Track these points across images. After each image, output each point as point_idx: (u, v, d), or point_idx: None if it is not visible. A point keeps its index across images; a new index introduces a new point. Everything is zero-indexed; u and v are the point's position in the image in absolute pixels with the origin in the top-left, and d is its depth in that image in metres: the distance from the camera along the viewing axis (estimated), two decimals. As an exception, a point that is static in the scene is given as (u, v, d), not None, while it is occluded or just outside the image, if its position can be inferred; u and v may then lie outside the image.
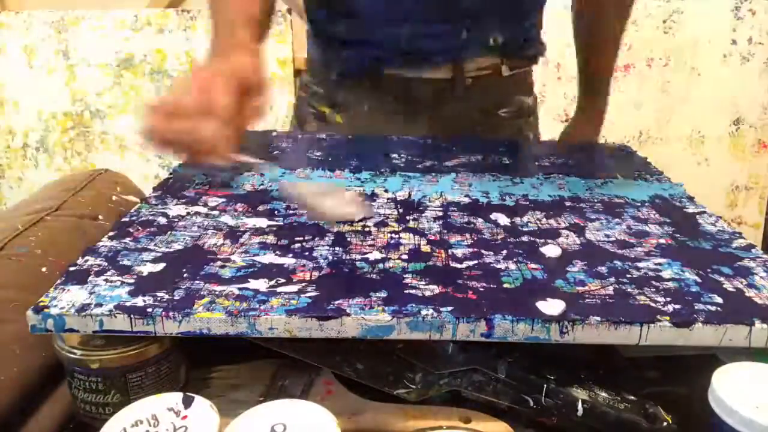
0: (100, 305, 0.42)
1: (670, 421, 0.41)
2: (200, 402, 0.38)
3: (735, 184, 1.88)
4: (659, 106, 1.81)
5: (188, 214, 0.59)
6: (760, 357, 0.48)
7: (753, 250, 0.54)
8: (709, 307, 0.44)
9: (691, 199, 0.67)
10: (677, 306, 0.44)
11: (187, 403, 0.38)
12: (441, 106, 0.86)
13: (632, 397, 0.43)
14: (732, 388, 0.36)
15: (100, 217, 0.68)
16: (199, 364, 0.49)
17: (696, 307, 0.44)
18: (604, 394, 0.43)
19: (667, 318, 0.43)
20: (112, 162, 1.85)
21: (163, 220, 0.57)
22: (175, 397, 0.38)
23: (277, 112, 1.80)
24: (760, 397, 0.36)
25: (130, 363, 0.43)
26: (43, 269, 0.56)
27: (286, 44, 1.73)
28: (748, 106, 1.82)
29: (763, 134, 1.85)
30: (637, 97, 1.81)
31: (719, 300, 0.45)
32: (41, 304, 0.43)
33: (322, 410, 0.37)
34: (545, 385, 0.43)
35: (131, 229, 0.55)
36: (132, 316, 0.42)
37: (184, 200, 0.62)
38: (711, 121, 1.83)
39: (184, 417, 0.37)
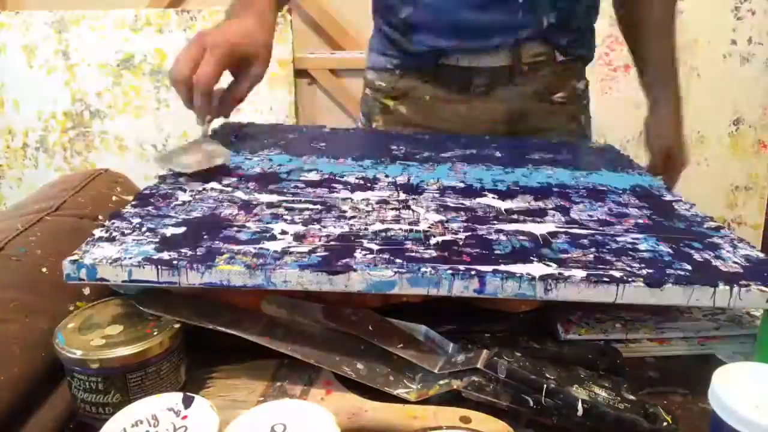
0: (129, 257, 0.46)
1: (670, 421, 0.41)
2: (200, 402, 0.38)
3: (735, 184, 1.88)
4: (659, 106, 1.81)
5: (204, 189, 0.62)
6: (759, 357, 0.48)
7: (722, 231, 0.58)
8: (679, 272, 0.48)
9: (668, 189, 0.71)
10: (651, 270, 0.48)
11: (187, 403, 0.38)
12: (497, 92, 0.89)
13: (632, 397, 0.43)
14: (732, 388, 0.36)
15: (100, 217, 0.68)
16: (199, 364, 0.49)
17: (668, 272, 0.48)
18: (604, 394, 0.43)
19: (641, 279, 0.46)
20: (112, 162, 1.85)
21: (181, 194, 0.61)
22: (175, 397, 0.38)
23: (277, 112, 1.80)
24: (760, 397, 0.36)
25: (130, 363, 0.43)
26: (43, 269, 0.56)
27: (287, 44, 1.73)
28: (748, 106, 1.82)
29: (763, 134, 1.85)
30: (637, 97, 1.81)
31: (688, 267, 0.49)
32: (75, 255, 0.46)
33: (322, 410, 0.37)
34: (545, 385, 0.43)
35: (152, 200, 0.59)
36: (159, 266, 0.45)
37: (199, 178, 0.66)
38: (711, 121, 1.83)
39: (184, 417, 0.37)
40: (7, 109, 1.86)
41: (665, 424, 0.41)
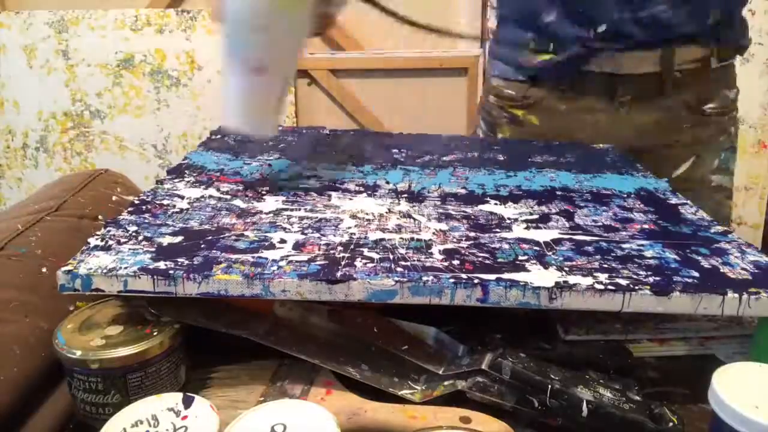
0: (125, 267, 0.45)
1: (676, 422, 0.41)
2: (200, 402, 0.38)
3: (735, 184, 1.88)
4: (659, 106, 1.81)
5: (202, 197, 0.62)
6: (759, 357, 0.48)
7: (729, 235, 0.57)
8: (686, 279, 0.47)
9: (674, 192, 0.70)
10: (657, 278, 0.47)
11: (187, 403, 0.38)
12: (644, 103, 0.83)
13: (637, 398, 0.43)
14: (732, 388, 0.36)
15: (100, 217, 0.68)
16: (199, 364, 0.49)
17: (675, 279, 0.47)
18: (609, 395, 0.43)
19: (648, 287, 0.46)
20: (112, 162, 1.85)
21: (178, 201, 0.60)
22: (175, 397, 0.38)
23: (277, 112, 1.80)
24: (760, 397, 0.36)
25: (130, 363, 0.43)
26: (43, 269, 0.56)
27: (286, 44, 1.73)
28: (748, 106, 1.81)
29: (763, 134, 1.85)
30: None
31: (696, 274, 0.48)
32: (69, 265, 0.45)
33: (322, 410, 0.37)
34: (549, 386, 0.43)
35: (149, 207, 0.58)
36: (155, 276, 0.44)
37: (197, 184, 0.65)
38: (711, 122, 1.83)
39: (184, 417, 0.37)
40: (7, 109, 1.86)
41: (671, 424, 0.41)
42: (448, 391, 0.46)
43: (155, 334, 0.44)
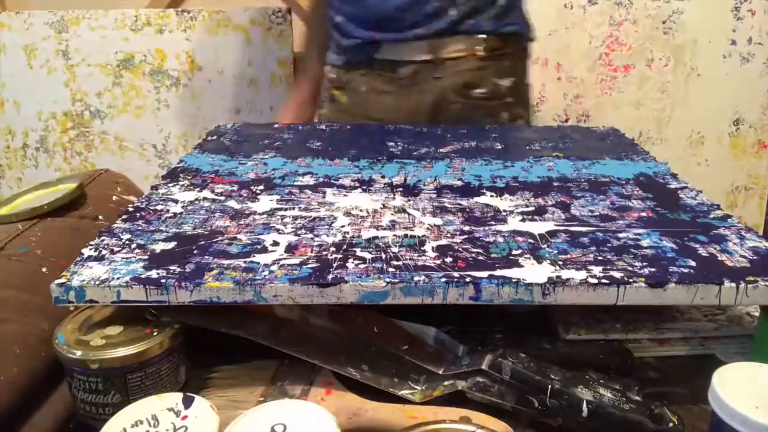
0: (117, 278, 0.45)
1: (676, 422, 0.41)
2: (200, 402, 0.38)
3: (735, 184, 1.88)
4: (659, 107, 1.81)
5: (196, 199, 0.62)
6: (759, 357, 0.48)
7: (729, 220, 0.56)
8: (683, 269, 0.47)
9: (674, 176, 0.69)
10: (653, 269, 0.47)
11: (187, 403, 0.38)
12: (421, 85, 0.98)
13: (637, 398, 0.43)
14: (732, 388, 0.36)
15: (100, 217, 0.68)
16: (199, 364, 0.49)
17: (671, 270, 0.47)
18: (609, 395, 0.43)
19: (643, 279, 0.45)
20: (112, 162, 1.85)
21: (172, 205, 0.60)
22: (175, 397, 0.38)
23: (277, 112, 1.79)
24: (760, 397, 0.36)
25: (130, 363, 0.43)
26: (43, 269, 0.56)
27: (286, 44, 1.73)
28: (748, 107, 1.81)
29: (763, 134, 1.84)
30: (637, 97, 1.81)
31: (693, 264, 0.48)
32: (63, 278, 0.45)
33: (322, 410, 0.37)
34: (550, 386, 0.43)
35: (143, 213, 0.58)
36: (147, 286, 0.44)
37: (191, 187, 0.65)
38: (711, 122, 1.83)
39: (184, 417, 0.37)
40: (7, 109, 1.86)
41: (671, 424, 0.41)
42: (448, 391, 0.46)
43: (155, 334, 0.44)
